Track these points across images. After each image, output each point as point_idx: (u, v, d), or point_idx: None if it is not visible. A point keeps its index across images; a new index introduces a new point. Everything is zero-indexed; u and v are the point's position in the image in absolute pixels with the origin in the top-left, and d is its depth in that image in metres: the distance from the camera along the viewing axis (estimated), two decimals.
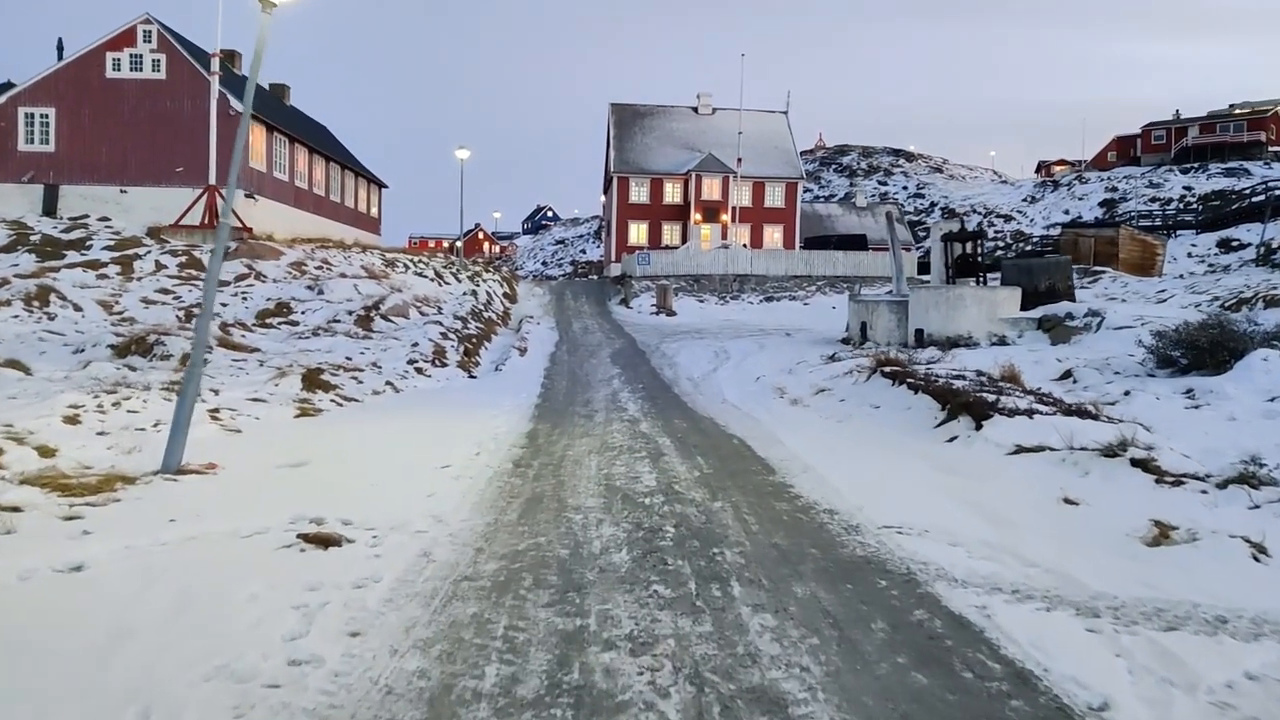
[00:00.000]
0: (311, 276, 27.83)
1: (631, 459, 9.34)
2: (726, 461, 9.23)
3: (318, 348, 18.69)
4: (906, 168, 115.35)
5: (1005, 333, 20.33)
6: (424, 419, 12.17)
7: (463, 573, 5.42)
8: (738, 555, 5.79)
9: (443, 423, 11.81)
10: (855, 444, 9.95)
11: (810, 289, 39.30)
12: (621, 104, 61.18)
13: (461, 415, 12.56)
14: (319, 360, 16.86)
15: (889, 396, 12.16)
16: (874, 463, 8.89)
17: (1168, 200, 77.99)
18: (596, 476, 8.44)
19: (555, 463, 9.20)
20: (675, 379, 18.17)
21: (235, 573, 5.24)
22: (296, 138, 39.15)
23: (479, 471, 8.58)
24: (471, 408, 13.42)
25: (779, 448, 9.82)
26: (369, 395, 14.63)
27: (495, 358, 21.17)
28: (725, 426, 11.70)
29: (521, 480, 8.30)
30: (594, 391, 16.05)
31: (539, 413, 13.17)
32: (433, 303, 28.24)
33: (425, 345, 19.10)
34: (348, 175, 46.69)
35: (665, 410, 13.44)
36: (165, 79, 34.00)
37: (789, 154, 60.22)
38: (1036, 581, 5.28)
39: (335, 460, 9.03)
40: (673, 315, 34.84)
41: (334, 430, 11.11)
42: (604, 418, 12.69)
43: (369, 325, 22.55)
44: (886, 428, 10.74)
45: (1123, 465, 7.67)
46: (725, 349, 23.10)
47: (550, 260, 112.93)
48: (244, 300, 24.80)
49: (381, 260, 32.73)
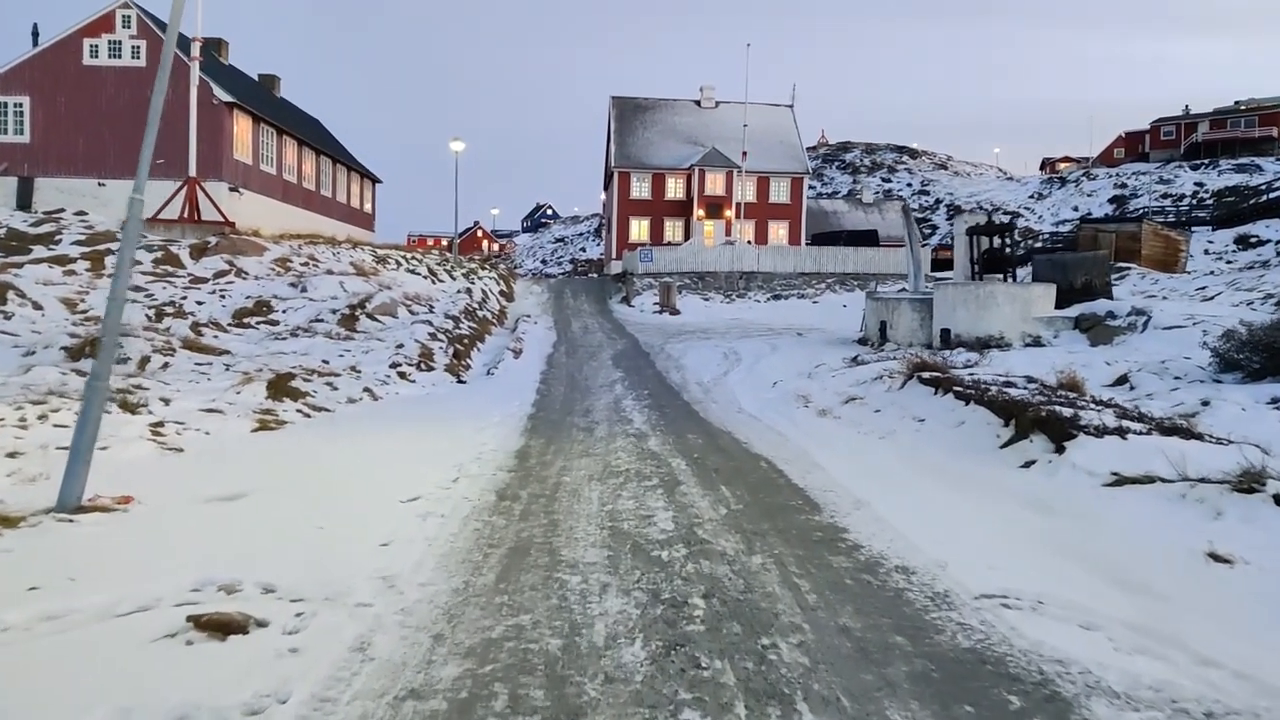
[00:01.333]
0: (296, 273, 26.20)
1: (640, 489, 7.70)
2: (757, 492, 7.58)
3: (294, 350, 17.06)
4: (910, 165, 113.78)
5: (1040, 333, 18.72)
6: (400, 433, 10.54)
7: (409, 682, 3.79)
8: (797, 650, 4.16)
9: (421, 438, 10.17)
10: (909, 469, 8.29)
11: (819, 286, 37.66)
12: (622, 97, 59.47)
13: (443, 428, 10.92)
14: (293, 364, 15.24)
15: (933, 408, 10.53)
16: (939, 495, 7.25)
17: (1180, 196, 76.31)
18: (598, 514, 6.80)
19: (548, 493, 7.56)
20: (683, 384, 16.55)
21: (77, 687, 3.62)
22: (286, 130, 37.49)
23: (454, 506, 6.94)
24: (456, 419, 11.78)
25: (817, 473, 8.18)
26: (343, 404, 13.00)
27: (488, 360, 19.53)
28: (748, 443, 10.06)
29: (505, 520, 6.66)
30: (594, 399, 14.42)
31: (532, 425, 11.54)
32: (424, 301, 26.63)
33: (411, 347, 17.47)
34: (340, 169, 45.03)
35: (675, 422, 11.81)
36: (146, 66, 32.36)
37: (794, 148, 58.52)
38: (1231, 697, 3.67)
39: (282, 490, 7.40)
40: (676, 314, 33.21)
41: (292, 449, 9.47)
42: (606, 431, 11.05)
43: (353, 325, 20.93)
44: (940, 448, 9.10)
45: (1265, 504, 6.04)
46: (735, 350, 21.48)
47: (550, 259, 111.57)
48: (222, 298, 23.14)
49: (372, 257, 31.11)
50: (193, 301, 22.45)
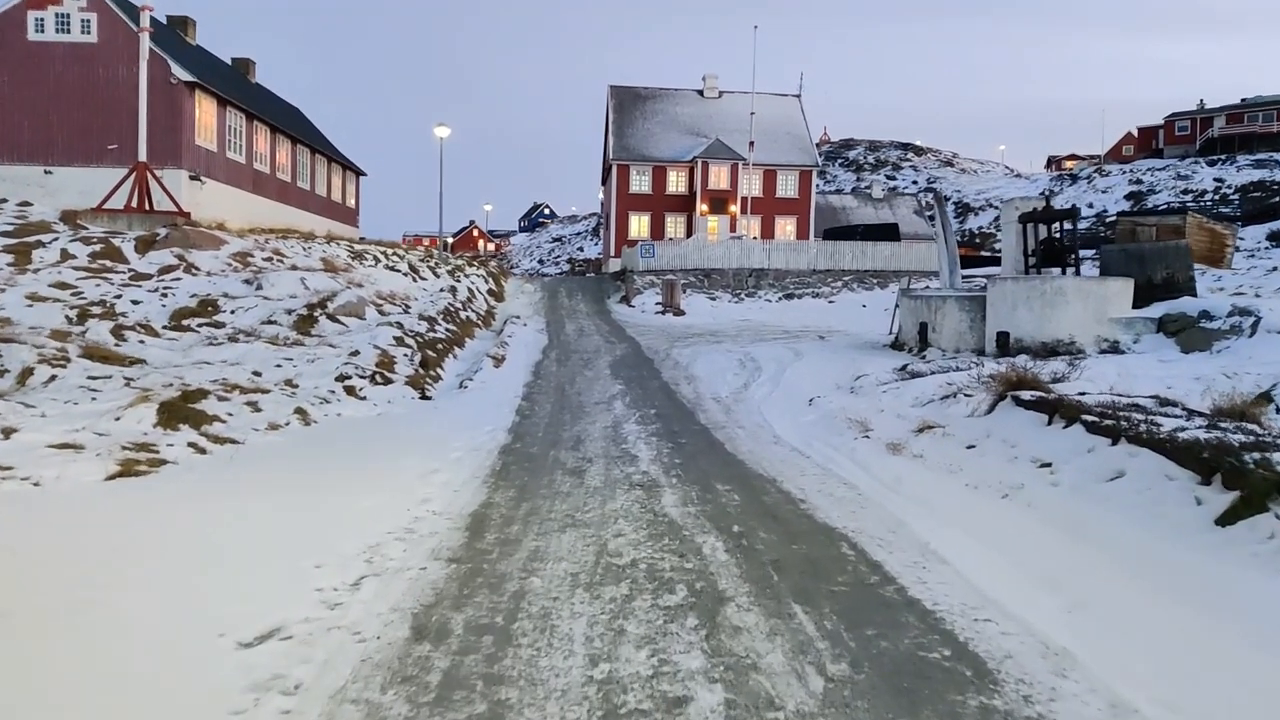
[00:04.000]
0: (255, 269, 23.19)
1: (658, 614, 4.66)
2: (859, 624, 4.49)
3: (225, 358, 14.10)
4: (916, 161, 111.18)
5: (1117, 336, 15.80)
6: (315, 482, 7.58)
7: None
8: None
9: (340, 489, 7.22)
10: (1095, 566, 5.21)
11: (835, 285, 34.71)
12: (621, 86, 56.50)
13: (379, 471, 7.97)
14: (215, 376, 12.30)
15: (1054, 446, 7.58)
16: (1194, 636, 4.27)
17: (1201, 192, 73.54)
18: (582, 689, 3.79)
19: (501, 621, 4.53)
20: (697, 400, 13.61)
21: None
22: (257, 115, 34.49)
23: (327, 659, 3.96)
24: (403, 453, 8.83)
25: (941, 573, 5.17)
26: (260, 432, 10.03)
27: (464, 369, 16.55)
28: (806, 502, 7.08)
29: (409, 703, 3.66)
30: (588, 422, 11.47)
31: (502, 465, 8.57)
32: (399, 300, 23.67)
33: (369, 354, 14.50)
34: (319, 160, 42.02)
35: (696, 459, 8.86)
36: (97, 42, 29.37)
37: (803, 140, 55.56)
38: None
39: (59, 614, 4.44)
40: (681, 315, 30.27)
41: (136, 518, 6.41)
42: (602, 477, 8.10)
43: (310, 327, 17.96)
44: (1109, 519, 6.08)
45: None
46: (751, 356, 18.54)
47: (547, 258, 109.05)
48: (164, 297, 20.10)
49: (348, 252, 28.14)
50: (128, 301, 19.42)
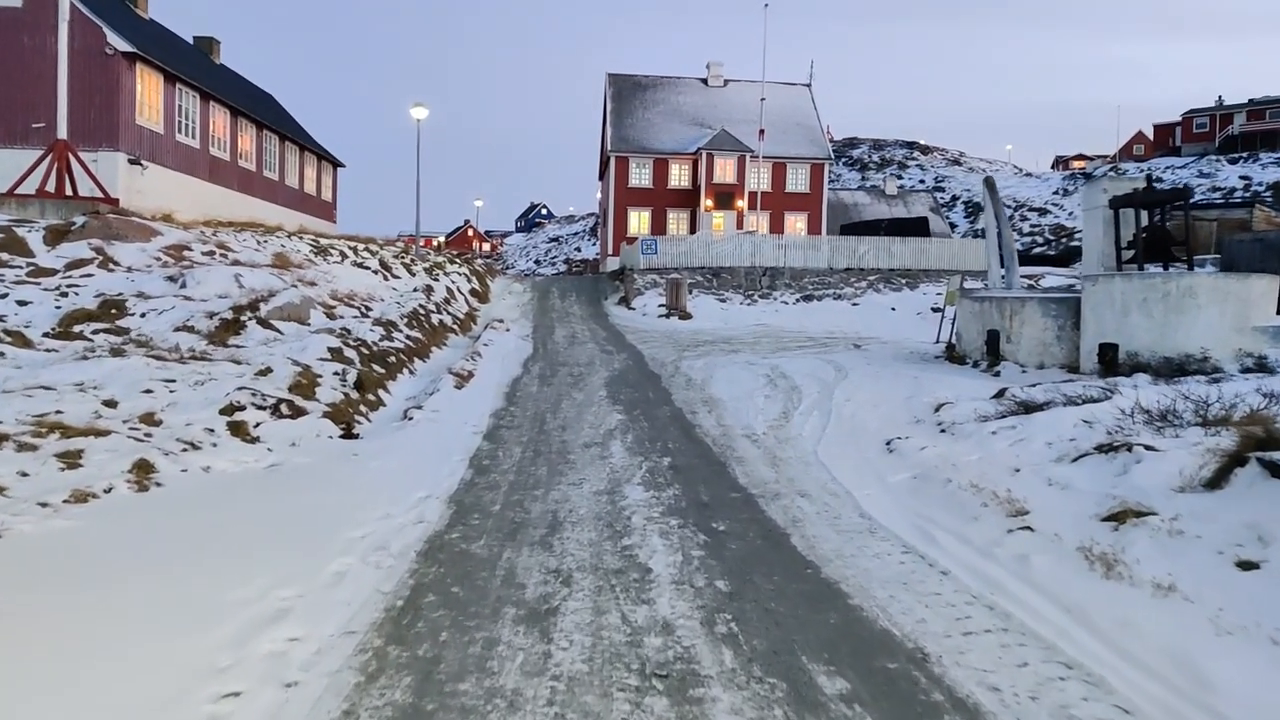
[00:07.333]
0: (186, 265, 19.44)
1: None
2: None
3: (82, 379, 10.39)
4: (922, 160, 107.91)
5: (1265, 350, 12.14)
6: (30, 641, 3.94)
7: None
8: None
9: (67, 667, 3.60)
10: None
11: (859, 285, 31.07)
12: (620, 74, 52.88)
13: (182, 614, 4.33)
14: (45, 409, 8.66)
15: None
16: None
17: (1230, 190, 70.00)
18: None
19: None
20: (727, 440, 9.95)
21: None
22: (214, 95, 30.80)
23: None
24: (255, 556, 5.19)
25: None
26: (48, 509, 6.33)
27: (416, 389, 12.82)
28: None
29: None
30: (570, 484, 7.81)
31: (410, 595, 4.88)
32: (359, 301, 19.97)
33: (284, 372, 10.81)
34: (290, 149, 38.34)
35: (754, 582, 5.23)
36: (22, 7, 25.68)
37: (814, 131, 51.98)
38: None
39: None
40: (688, 318, 26.64)
41: None
42: (587, 644, 4.38)
43: (230, 335, 14.29)
44: None
45: None
46: (782, 372, 14.88)
47: (544, 258, 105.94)
48: (63, 297, 16.36)
49: (311, 248, 24.40)
50: (13, 301, 15.70)
